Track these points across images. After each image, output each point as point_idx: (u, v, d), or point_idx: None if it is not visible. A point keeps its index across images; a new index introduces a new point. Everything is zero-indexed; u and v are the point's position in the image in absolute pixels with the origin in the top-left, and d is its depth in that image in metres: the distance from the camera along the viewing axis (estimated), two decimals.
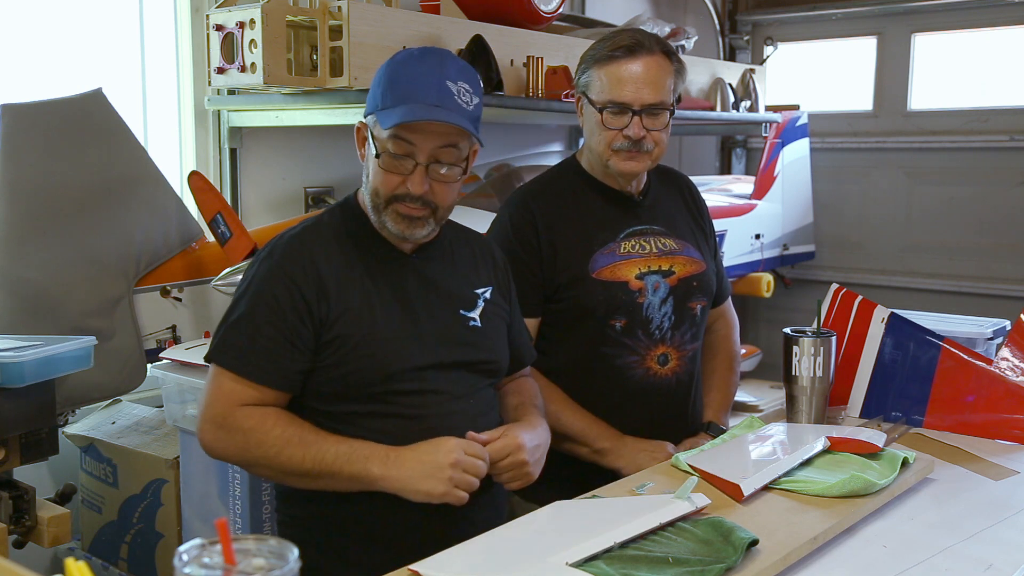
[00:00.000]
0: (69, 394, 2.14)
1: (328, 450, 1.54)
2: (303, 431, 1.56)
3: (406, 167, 1.59)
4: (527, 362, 1.90)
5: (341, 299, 1.60)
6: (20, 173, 2.12)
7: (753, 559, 1.30)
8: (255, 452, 1.56)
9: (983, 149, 4.01)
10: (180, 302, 2.40)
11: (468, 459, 1.53)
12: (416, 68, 1.60)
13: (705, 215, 2.26)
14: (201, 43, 2.61)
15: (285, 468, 1.55)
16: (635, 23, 3.35)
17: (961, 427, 1.96)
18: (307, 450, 1.54)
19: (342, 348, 1.59)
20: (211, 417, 1.58)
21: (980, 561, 1.38)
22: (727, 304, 2.31)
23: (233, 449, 1.58)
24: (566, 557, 1.25)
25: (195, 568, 0.81)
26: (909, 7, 4.13)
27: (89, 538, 2.45)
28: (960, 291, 4.05)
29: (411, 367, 1.61)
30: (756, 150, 4.61)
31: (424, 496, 1.51)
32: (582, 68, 2.03)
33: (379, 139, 1.60)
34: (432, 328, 1.66)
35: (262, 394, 1.58)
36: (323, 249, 1.64)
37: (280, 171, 2.94)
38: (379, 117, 1.58)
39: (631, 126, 1.95)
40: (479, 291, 1.76)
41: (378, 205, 1.63)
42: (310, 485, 1.57)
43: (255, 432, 1.55)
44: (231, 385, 1.58)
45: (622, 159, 1.99)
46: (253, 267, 1.66)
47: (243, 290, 1.64)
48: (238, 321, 1.61)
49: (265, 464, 1.57)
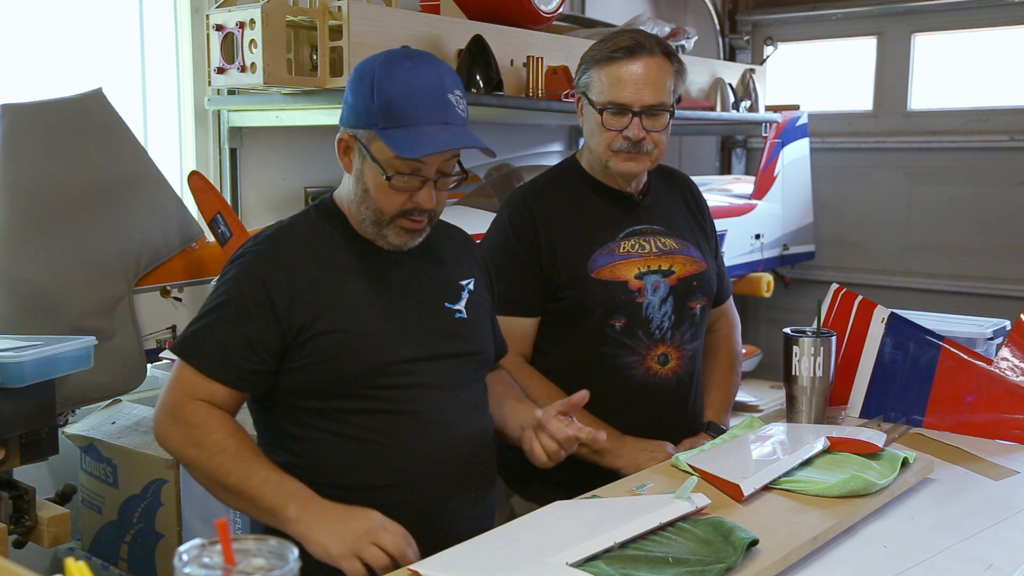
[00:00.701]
0: (69, 394, 2.14)
1: (257, 473, 1.51)
2: (242, 447, 1.54)
3: (414, 184, 1.58)
4: (503, 353, 1.90)
5: (319, 298, 1.59)
6: (20, 173, 2.12)
7: (753, 559, 1.30)
8: (190, 451, 1.55)
9: (983, 149, 4.00)
10: (180, 302, 2.40)
11: (385, 535, 1.45)
12: (413, 82, 1.55)
13: (706, 214, 2.26)
14: (201, 43, 2.61)
15: (211, 476, 1.54)
16: (635, 23, 3.35)
17: (961, 427, 1.96)
18: (238, 465, 1.52)
19: (324, 344, 1.57)
20: (164, 405, 1.59)
21: (980, 561, 1.38)
22: (729, 304, 2.31)
23: (175, 442, 1.57)
24: (566, 557, 1.25)
25: (195, 568, 0.81)
26: (909, 7, 4.13)
27: (89, 538, 2.45)
28: (960, 291, 4.05)
29: (399, 360, 1.60)
30: (756, 150, 4.61)
31: (322, 551, 1.45)
32: (582, 68, 2.03)
33: (383, 159, 1.56)
34: (418, 321, 1.65)
35: (214, 389, 1.57)
36: (299, 250, 1.62)
37: (280, 171, 2.94)
38: (387, 140, 1.53)
39: (631, 127, 1.95)
40: (463, 283, 1.75)
41: (381, 221, 1.61)
42: (229, 502, 1.55)
43: (196, 429, 1.54)
44: (187, 375, 1.58)
45: (622, 160, 1.99)
46: (227, 267, 1.66)
47: (215, 288, 1.64)
48: (202, 316, 1.61)
49: (196, 466, 1.56)
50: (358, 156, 1.61)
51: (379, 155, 1.57)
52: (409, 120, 1.53)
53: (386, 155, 1.56)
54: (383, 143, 1.54)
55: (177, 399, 1.57)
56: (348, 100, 1.61)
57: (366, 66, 1.60)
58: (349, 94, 1.61)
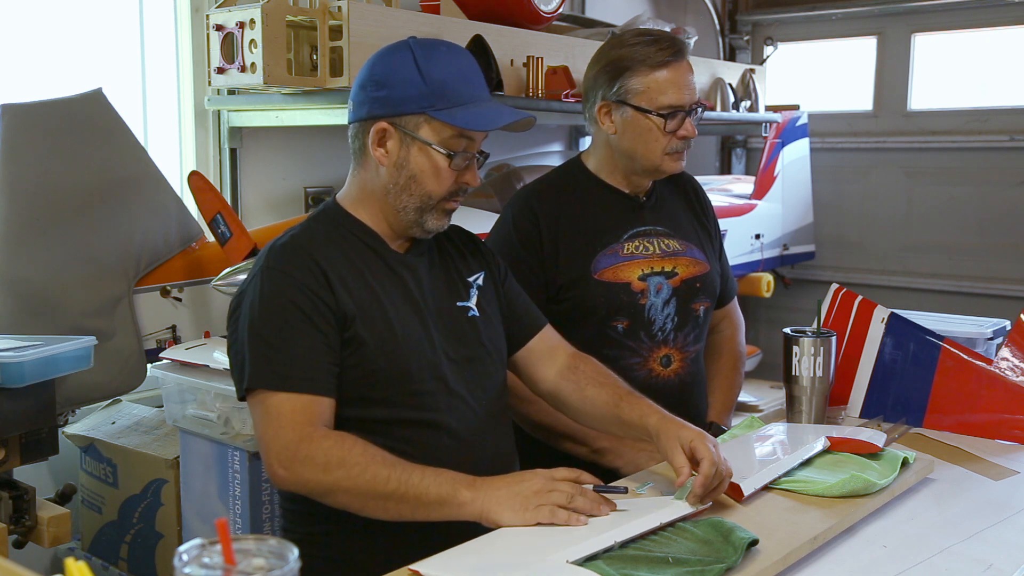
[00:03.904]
0: (69, 394, 2.14)
1: (412, 471, 1.44)
2: (382, 453, 1.47)
3: (461, 164, 1.60)
4: (543, 323, 1.84)
5: (350, 299, 1.56)
6: (20, 173, 2.12)
7: (753, 559, 1.30)
8: (335, 475, 1.44)
9: (983, 149, 4.00)
10: (180, 302, 2.40)
11: (559, 484, 1.42)
12: (456, 62, 1.60)
13: (710, 215, 2.25)
14: (201, 43, 2.61)
15: (366, 490, 1.44)
16: (635, 23, 3.35)
17: (961, 427, 1.96)
18: (391, 470, 1.44)
19: (360, 349, 1.55)
20: (283, 447, 1.46)
21: (980, 561, 1.38)
22: (733, 304, 2.31)
23: (314, 474, 1.45)
24: (566, 556, 1.25)
25: (195, 568, 0.81)
26: (909, 7, 4.13)
27: (89, 538, 2.45)
28: (960, 291, 4.05)
29: (427, 363, 1.59)
30: (756, 150, 4.61)
31: (510, 519, 1.41)
32: (620, 76, 1.98)
33: (438, 140, 1.57)
34: (439, 323, 1.65)
35: (321, 407, 1.50)
36: (321, 251, 1.59)
37: (280, 171, 2.94)
38: (449, 118, 1.55)
39: (685, 126, 1.97)
40: (471, 279, 1.74)
41: (426, 206, 1.61)
42: (389, 510, 1.46)
43: (334, 452, 1.45)
44: (288, 406, 1.47)
45: (674, 160, 2.01)
46: (254, 283, 1.57)
47: (255, 309, 1.54)
48: (265, 340, 1.51)
49: (345, 487, 1.45)
50: (401, 144, 1.59)
51: (432, 137, 1.57)
52: (464, 98, 1.57)
53: (441, 135, 1.57)
54: (441, 123, 1.56)
55: (294, 435, 1.46)
56: (377, 92, 1.59)
57: (395, 56, 1.59)
58: (379, 86, 1.59)
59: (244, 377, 1.52)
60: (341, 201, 1.69)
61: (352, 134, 1.65)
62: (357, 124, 1.63)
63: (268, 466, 1.49)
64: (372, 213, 1.65)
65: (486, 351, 1.70)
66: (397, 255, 1.66)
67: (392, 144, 1.60)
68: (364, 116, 1.61)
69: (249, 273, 1.61)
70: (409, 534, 1.55)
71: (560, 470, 1.47)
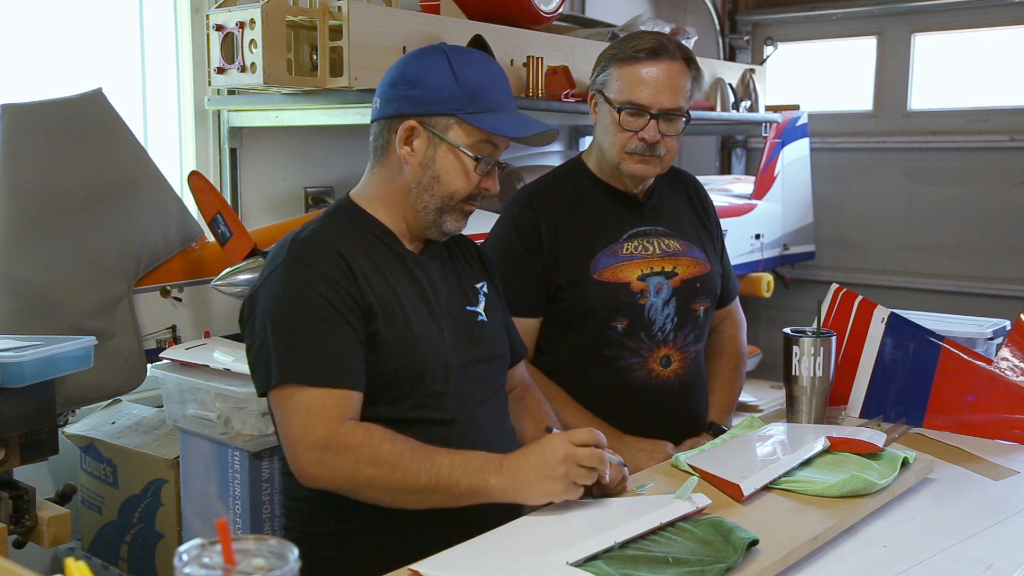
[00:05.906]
0: (69, 394, 2.14)
1: (441, 463, 1.44)
2: (412, 445, 1.46)
3: (485, 169, 1.61)
4: (522, 355, 1.89)
5: (373, 296, 1.56)
6: (20, 173, 2.12)
7: (753, 559, 1.30)
8: (367, 472, 1.44)
9: (983, 149, 4.00)
10: (180, 302, 2.40)
11: (579, 451, 1.43)
12: (489, 70, 1.63)
13: (711, 215, 2.25)
14: (201, 43, 2.61)
15: (398, 485, 1.44)
16: (635, 23, 3.35)
17: (961, 427, 1.96)
18: (421, 463, 1.44)
19: (379, 347, 1.55)
20: (313, 443, 1.45)
21: (980, 561, 1.37)
22: (734, 304, 2.31)
23: (344, 471, 1.45)
24: (566, 557, 1.25)
25: (195, 568, 0.81)
26: (909, 7, 4.13)
27: (89, 538, 2.45)
28: (960, 291, 4.05)
29: (441, 365, 1.60)
30: (756, 150, 4.61)
31: (543, 497, 1.43)
32: (600, 66, 2.02)
33: (467, 143, 1.58)
34: (451, 325, 1.65)
35: (349, 401, 1.48)
36: (344, 245, 1.58)
37: (280, 171, 2.94)
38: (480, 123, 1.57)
39: (647, 129, 1.95)
40: (478, 285, 1.76)
41: (446, 207, 1.62)
42: (421, 503, 1.47)
43: (364, 448, 1.44)
44: (320, 402, 1.46)
45: (635, 162, 1.99)
46: (274, 278, 1.54)
47: (278, 303, 1.52)
48: (293, 332, 1.49)
49: (376, 484, 1.45)
50: (428, 144, 1.59)
51: (461, 140, 1.59)
52: (494, 105, 1.60)
53: (470, 139, 1.58)
54: (471, 127, 1.58)
55: (324, 431, 1.45)
56: (408, 91, 1.59)
57: (428, 58, 1.61)
58: (411, 85, 1.59)
59: (271, 372, 1.50)
60: (357, 199, 1.68)
61: (376, 131, 1.65)
62: (382, 121, 1.63)
63: (295, 463, 1.48)
64: (390, 212, 1.65)
65: (494, 355, 1.72)
66: (413, 255, 1.67)
67: (419, 143, 1.60)
68: (391, 114, 1.61)
69: (263, 271, 1.60)
70: (409, 534, 1.55)
71: (579, 433, 1.47)
